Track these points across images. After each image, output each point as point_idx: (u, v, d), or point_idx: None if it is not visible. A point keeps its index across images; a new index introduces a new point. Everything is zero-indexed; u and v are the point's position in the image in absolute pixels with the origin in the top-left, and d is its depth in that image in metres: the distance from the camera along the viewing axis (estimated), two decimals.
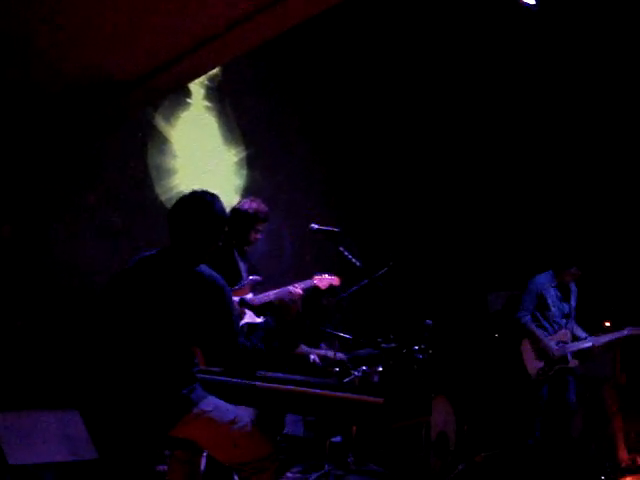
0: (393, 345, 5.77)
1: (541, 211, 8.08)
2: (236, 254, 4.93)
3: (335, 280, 5.38)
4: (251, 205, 5.01)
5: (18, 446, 3.96)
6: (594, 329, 6.56)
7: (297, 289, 5.05)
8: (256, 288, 4.99)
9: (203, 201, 3.35)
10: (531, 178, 8.27)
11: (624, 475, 5.94)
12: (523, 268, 7.60)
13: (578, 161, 7.90)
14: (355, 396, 3.28)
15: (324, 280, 5.32)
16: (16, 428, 4.07)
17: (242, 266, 4.98)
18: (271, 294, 5.00)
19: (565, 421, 6.39)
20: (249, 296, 4.84)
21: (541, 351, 6.26)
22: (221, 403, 3.30)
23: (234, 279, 4.79)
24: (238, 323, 3.30)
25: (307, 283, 5.23)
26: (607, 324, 6.74)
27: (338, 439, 6.18)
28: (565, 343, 6.25)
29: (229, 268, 4.81)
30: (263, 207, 5.05)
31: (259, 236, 5.08)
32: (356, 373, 5.66)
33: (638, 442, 6.73)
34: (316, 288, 5.42)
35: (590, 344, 6.30)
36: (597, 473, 4.70)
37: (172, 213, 3.39)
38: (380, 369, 5.73)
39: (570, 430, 6.39)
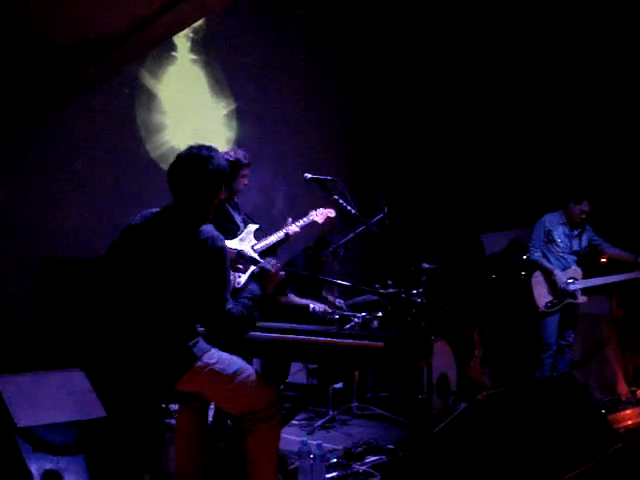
0: (392, 290, 5.81)
1: (536, 151, 8.03)
2: (228, 206, 4.88)
3: (332, 212, 5.34)
4: (229, 154, 4.90)
5: (25, 408, 3.98)
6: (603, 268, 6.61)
7: (295, 228, 5.04)
8: (255, 236, 4.94)
9: (199, 157, 3.31)
10: (525, 119, 8.19)
11: (625, 408, 6.02)
12: (518, 209, 7.61)
13: (571, 101, 7.83)
14: (356, 342, 3.30)
15: (321, 214, 5.27)
16: (22, 390, 4.08)
17: (237, 217, 4.94)
18: (271, 238, 4.98)
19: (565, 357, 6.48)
20: (250, 245, 4.82)
21: (552, 284, 6.30)
22: (224, 355, 3.32)
23: (232, 230, 4.79)
24: (229, 288, 3.25)
25: (305, 221, 5.20)
26: (603, 260, 6.77)
27: (341, 385, 6.26)
28: (576, 279, 6.29)
29: (225, 220, 4.78)
30: (240, 152, 4.97)
31: (246, 181, 5.01)
32: (356, 319, 5.73)
33: (637, 376, 6.82)
34: (315, 224, 5.35)
35: (601, 282, 6.33)
36: (598, 407, 4.77)
37: (170, 171, 3.38)
38: (380, 314, 5.79)
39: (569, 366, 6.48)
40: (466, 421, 3.64)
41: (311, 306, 6.03)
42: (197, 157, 3.32)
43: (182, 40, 6.56)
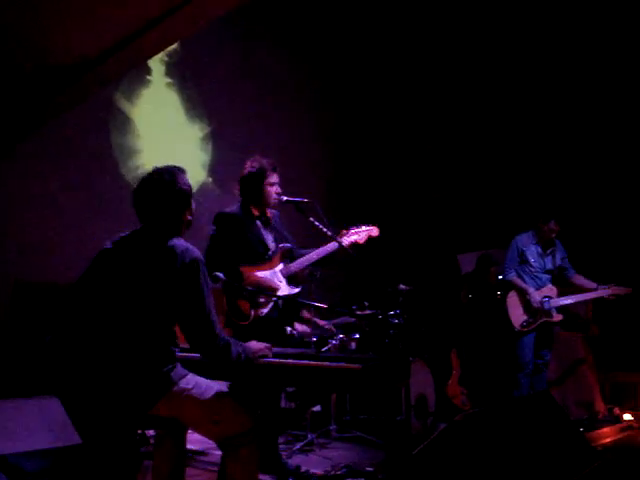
0: (368, 312, 5.81)
1: (509, 171, 8.13)
2: (259, 225, 4.67)
3: (374, 230, 4.96)
4: (252, 164, 4.65)
5: (0, 436, 3.93)
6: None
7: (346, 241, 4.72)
8: (287, 257, 4.72)
9: (161, 178, 3.31)
10: (498, 141, 8.29)
11: (602, 426, 6.05)
12: (492, 229, 7.67)
13: (543, 121, 7.94)
14: (333, 364, 3.29)
15: (362, 232, 4.90)
16: None
17: (267, 236, 4.70)
18: (302, 263, 4.71)
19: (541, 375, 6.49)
20: (279, 267, 4.64)
21: (527, 303, 6.32)
22: (201, 380, 3.30)
23: (260, 252, 4.60)
24: (210, 300, 3.24)
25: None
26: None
27: (319, 408, 6.23)
28: (551, 298, 6.31)
29: (253, 241, 4.59)
30: (265, 160, 4.68)
31: (276, 189, 4.69)
32: (333, 341, 5.72)
33: (614, 393, 6.86)
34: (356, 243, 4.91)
35: (574, 300, 6.36)
36: (575, 425, 4.79)
37: (135, 195, 3.37)
38: (357, 336, 5.79)
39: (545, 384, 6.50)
40: (445, 442, 3.63)
41: (288, 329, 6.00)
42: (159, 178, 3.32)
43: (157, 64, 6.57)
